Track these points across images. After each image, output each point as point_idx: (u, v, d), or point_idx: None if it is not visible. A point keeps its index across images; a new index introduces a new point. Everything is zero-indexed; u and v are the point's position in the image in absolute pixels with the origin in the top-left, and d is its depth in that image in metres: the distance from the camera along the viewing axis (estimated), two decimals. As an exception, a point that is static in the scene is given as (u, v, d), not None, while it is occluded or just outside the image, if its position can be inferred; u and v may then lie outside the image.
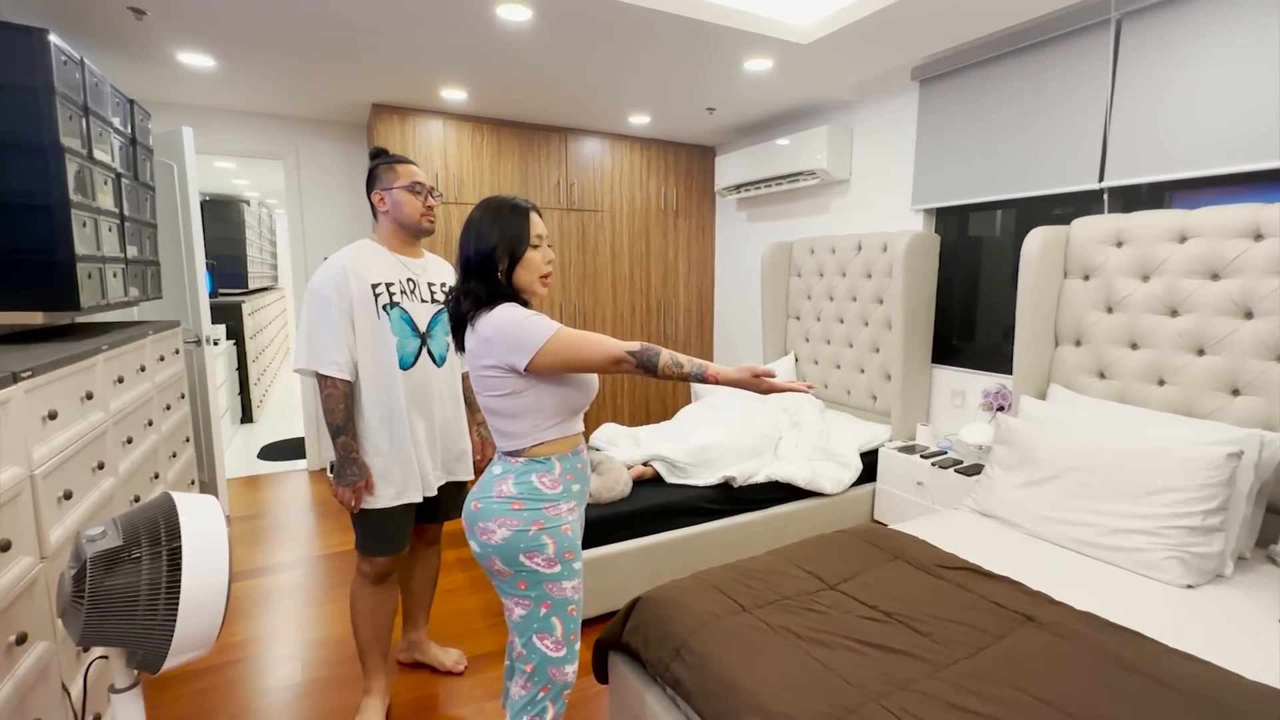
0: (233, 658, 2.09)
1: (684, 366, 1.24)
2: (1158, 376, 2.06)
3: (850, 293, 3.24)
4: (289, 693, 1.92)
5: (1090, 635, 1.33)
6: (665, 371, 1.23)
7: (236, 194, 5.96)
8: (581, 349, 1.20)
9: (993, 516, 2.04)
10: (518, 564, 1.23)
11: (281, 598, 2.49)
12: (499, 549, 1.23)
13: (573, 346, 1.20)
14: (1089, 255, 2.22)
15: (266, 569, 2.74)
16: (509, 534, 1.23)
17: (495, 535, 1.23)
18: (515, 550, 1.23)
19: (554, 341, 1.19)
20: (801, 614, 1.42)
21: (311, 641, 2.19)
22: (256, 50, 2.62)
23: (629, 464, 2.56)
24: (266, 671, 2.03)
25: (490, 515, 1.24)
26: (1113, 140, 2.24)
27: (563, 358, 1.20)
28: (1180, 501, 1.67)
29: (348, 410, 1.61)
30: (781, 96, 3.25)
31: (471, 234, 1.27)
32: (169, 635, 1.14)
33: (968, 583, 1.56)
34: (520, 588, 1.25)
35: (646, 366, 1.21)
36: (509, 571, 1.24)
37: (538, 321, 1.21)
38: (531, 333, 1.20)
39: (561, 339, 1.20)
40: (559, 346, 1.20)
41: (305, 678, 1.99)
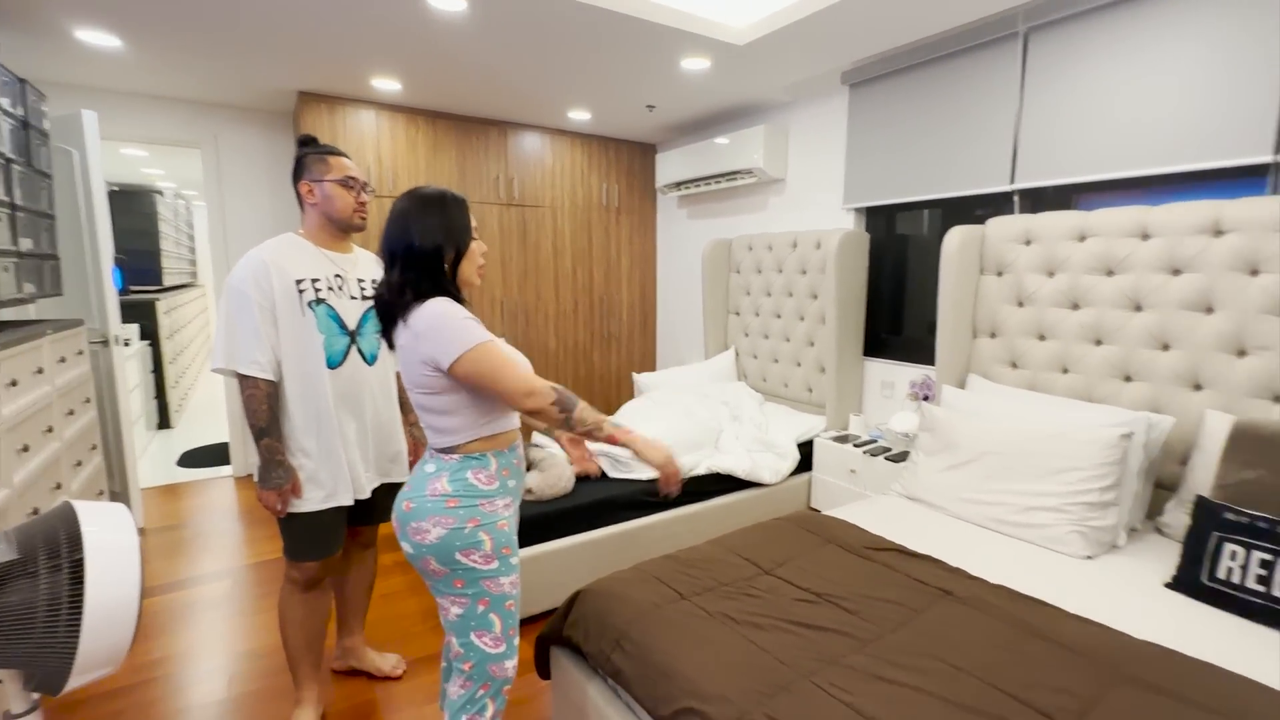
0: (149, 676, 1.97)
1: (602, 425, 1.22)
2: (1062, 365, 2.22)
3: (787, 289, 3.34)
4: (214, 710, 1.82)
5: (1001, 606, 1.43)
6: (579, 422, 1.21)
7: (148, 184, 5.57)
8: (502, 370, 1.18)
9: (918, 500, 2.15)
10: (454, 562, 1.22)
11: (205, 611, 2.36)
12: (434, 548, 1.21)
13: (495, 364, 1.18)
14: (1001, 253, 2.38)
15: (188, 581, 2.59)
16: (444, 532, 1.21)
17: (430, 535, 1.21)
18: (451, 549, 1.21)
19: (480, 350, 1.17)
20: (738, 599, 1.46)
21: (239, 654, 2.08)
22: (168, 30, 2.46)
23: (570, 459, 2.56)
24: (189, 688, 1.92)
25: (424, 514, 1.22)
26: (1022, 145, 2.40)
27: (482, 370, 1.17)
28: (1080, 480, 1.81)
29: (271, 411, 1.55)
30: (720, 96, 3.31)
31: (412, 227, 1.23)
32: (71, 653, 1.06)
33: (893, 562, 1.65)
34: (457, 586, 1.24)
35: (564, 407, 1.19)
36: (444, 571, 1.23)
37: (471, 325, 1.19)
38: (462, 334, 1.18)
39: (487, 351, 1.18)
40: (481, 356, 1.17)
41: (232, 693, 1.89)
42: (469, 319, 1.20)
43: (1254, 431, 1.59)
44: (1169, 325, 1.95)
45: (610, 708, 1.40)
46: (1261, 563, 1.41)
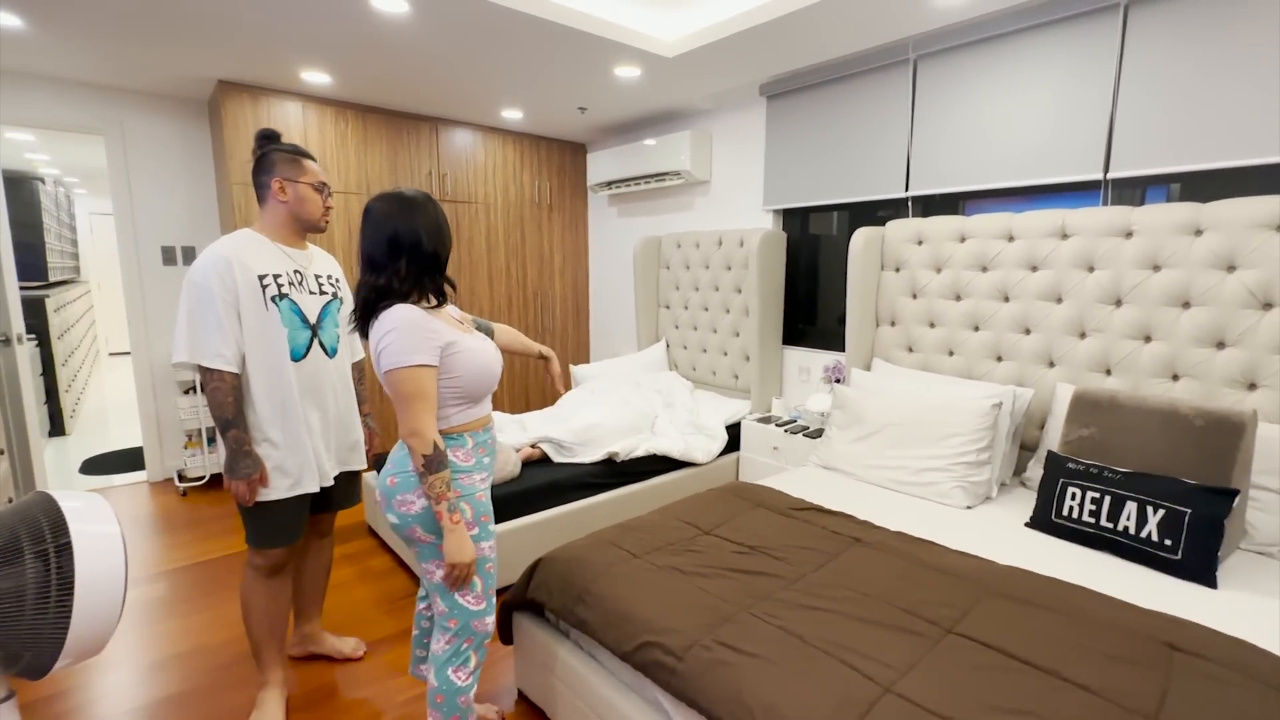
0: (85, 680, 1.92)
1: (441, 502, 1.29)
2: (948, 348, 2.58)
3: (713, 283, 3.59)
4: (165, 705, 1.82)
5: (899, 547, 1.72)
6: (429, 485, 1.28)
7: (29, 171, 5.08)
8: (406, 402, 1.28)
9: (832, 469, 2.44)
10: (438, 528, 1.34)
11: (141, 613, 2.30)
12: (420, 517, 1.34)
13: (405, 392, 1.27)
14: (898, 251, 2.72)
15: (114, 588, 2.49)
16: (426, 504, 1.33)
17: (415, 505, 1.34)
18: (432, 518, 1.34)
19: (404, 373, 1.27)
20: (684, 555, 1.66)
21: (184, 653, 2.07)
22: (75, 10, 2.34)
23: (517, 447, 2.69)
24: (147, 685, 1.90)
25: (410, 487, 1.34)
26: (914, 157, 2.75)
27: (397, 392, 1.28)
28: (961, 444, 2.15)
29: (236, 403, 1.59)
30: (648, 101, 3.51)
31: (404, 228, 1.33)
32: (61, 636, 1.10)
33: (813, 519, 1.91)
34: (441, 550, 1.36)
35: (429, 467, 1.28)
36: (430, 537, 1.35)
37: (420, 343, 1.29)
38: (401, 351, 1.27)
39: (409, 376, 1.27)
40: (403, 379, 1.27)
41: (182, 688, 1.89)
42: (424, 337, 1.30)
43: (1089, 397, 1.97)
44: (1029, 313, 2.33)
45: (573, 657, 1.57)
46: (1092, 500, 1.77)
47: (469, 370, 1.38)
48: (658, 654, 1.30)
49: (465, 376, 1.37)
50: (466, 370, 1.37)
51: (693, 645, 1.28)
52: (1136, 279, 2.07)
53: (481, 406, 1.46)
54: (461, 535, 1.32)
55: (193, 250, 3.68)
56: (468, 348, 1.39)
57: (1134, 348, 2.09)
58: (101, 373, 7.43)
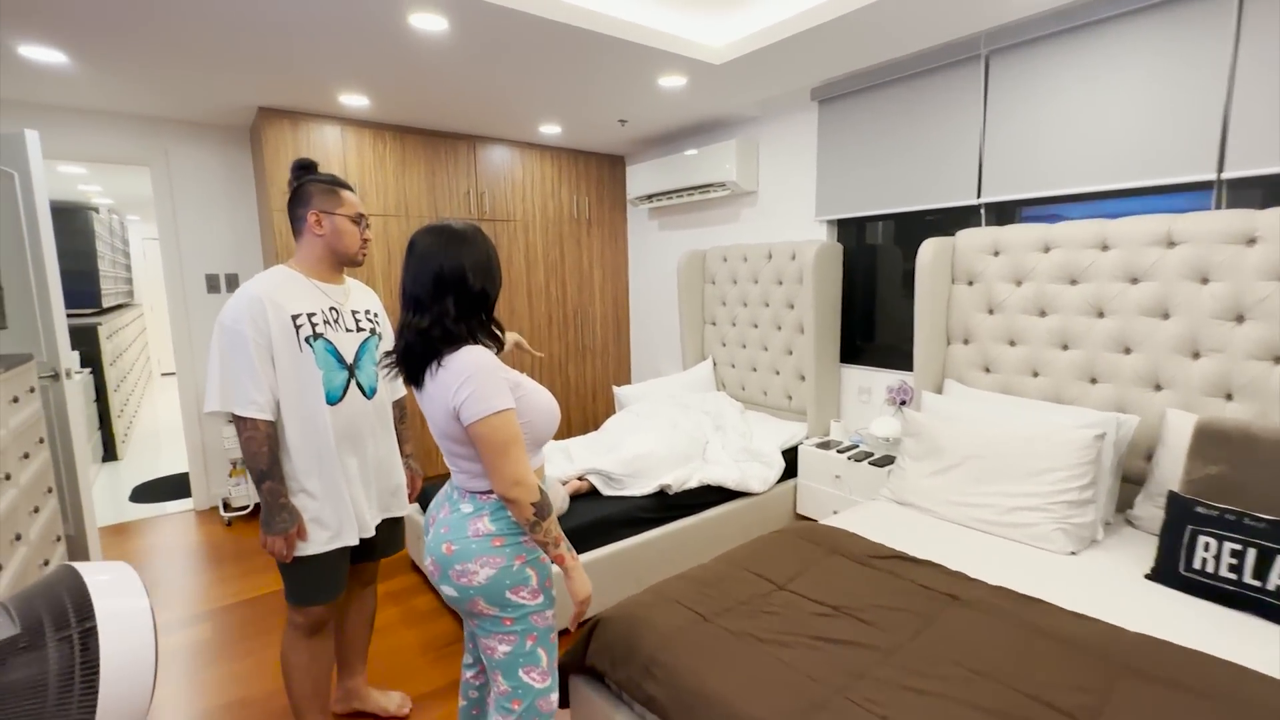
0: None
1: (560, 544, 1.20)
2: (1032, 369, 2.35)
3: (763, 299, 3.41)
4: (207, 765, 1.74)
5: (1004, 607, 1.51)
6: (544, 531, 1.18)
7: (83, 201, 5.22)
8: (505, 449, 1.15)
9: (908, 504, 2.23)
10: (504, 600, 1.20)
11: (185, 659, 2.24)
12: (483, 589, 1.20)
13: (504, 439, 1.15)
14: (971, 263, 2.50)
15: (160, 628, 2.44)
16: (493, 572, 1.19)
17: (478, 576, 1.19)
18: (501, 588, 1.20)
19: (499, 419, 1.15)
20: (759, 617, 1.49)
21: (227, 705, 1.98)
22: (116, 45, 2.32)
23: (563, 479, 2.55)
24: (176, 744, 1.82)
25: (470, 556, 1.20)
26: (987, 161, 2.53)
27: (494, 440, 1.14)
28: (1060, 479, 1.93)
29: (272, 453, 1.49)
30: (692, 110, 3.36)
31: (448, 265, 1.20)
32: (87, 728, 1.00)
33: (898, 570, 1.71)
34: (505, 624, 1.22)
35: (540, 513, 1.17)
36: (493, 611, 1.21)
37: (501, 387, 1.17)
38: (489, 396, 1.15)
39: (504, 422, 1.15)
40: (498, 426, 1.15)
41: (225, 746, 1.81)
42: (503, 381, 1.18)
43: (1215, 429, 1.72)
44: (1130, 330, 2.09)
45: (639, 734, 1.41)
46: (1232, 553, 1.53)
47: (537, 411, 1.27)
48: (743, 748, 1.13)
49: (533, 419, 1.26)
50: (535, 411, 1.26)
51: (784, 739, 1.11)
52: (1263, 291, 1.82)
53: (540, 454, 1.33)
54: (582, 570, 1.24)
55: (236, 278, 3.67)
56: (532, 388, 1.28)
57: (1262, 370, 1.84)
58: (154, 393, 7.63)
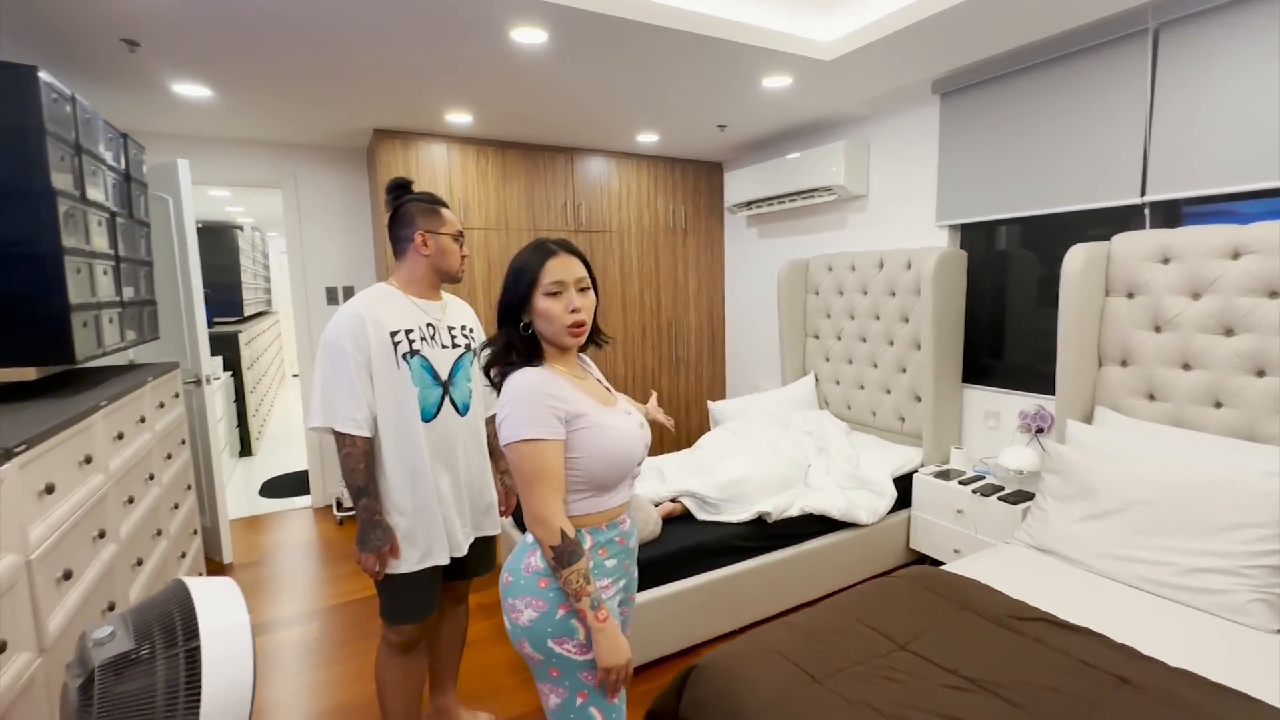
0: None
1: (581, 598, 1.07)
2: (1214, 399, 1.96)
3: (873, 311, 3.15)
4: (309, 769, 1.78)
5: (1190, 699, 1.23)
6: (565, 581, 1.08)
7: (229, 220, 5.83)
8: (531, 482, 1.09)
9: (1051, 552, 1.93)
10: (546, 650, 1.12)
11: (290, 659, 2.35)
12: (527, 631, 1.12)
13: (530, 470, 1.09)
14: (1133, 272, 2.14)
15: (272, 624, 2.59)
16: (536, 615, 1.11)
17: (523, 616, 1.12)
18: (543, 634, 1.11)
19: (527, 447, 1.09)
20: (878, 684, 1.30)
21: (330, 710, 2.04)
22: (255, 78, 2.51)
23: (656, 501, 2.45)
24: (284, 742, 1.89)
25: (518, 592, 1.13)
26: (1154, 153, 2.16)
27: (519, 468, 1.10)
28: (1260, 539, 1.57)
29: (368, 470, 1.50)
30: (795, 112, 3.18)
31: (510, 274, 1.18)
32: (189, 746, 1.01)
33: (1046, 636, 1.46)
34: (552, 675, 1.13)
35: (559, 560, 1.07)
36: (538, 657, 1.13)
37: (534, 410, 1.09)
38: (519, 419, 1.09)
39: (532, 452, 1.08)
40: (526, 454, 1.09)
41: (325, 751, 1.85)
42: (545, 407, 1.10)
43: None
44: (1357, 356, 1.69)
45: (737, 803, 1.27)
46: None
47: (594, 451, 1.13)
48: None
49: (588, 459, 1.13)
50: (591, 451, 1.13)
51: None
52: None
53: (610, 496, 1.18)
54: (613, 634, 1.09)
55: (351, 290, 3.90)
56: (601, 424, 1.14)
57: None
58: (286, 394, 8.38)
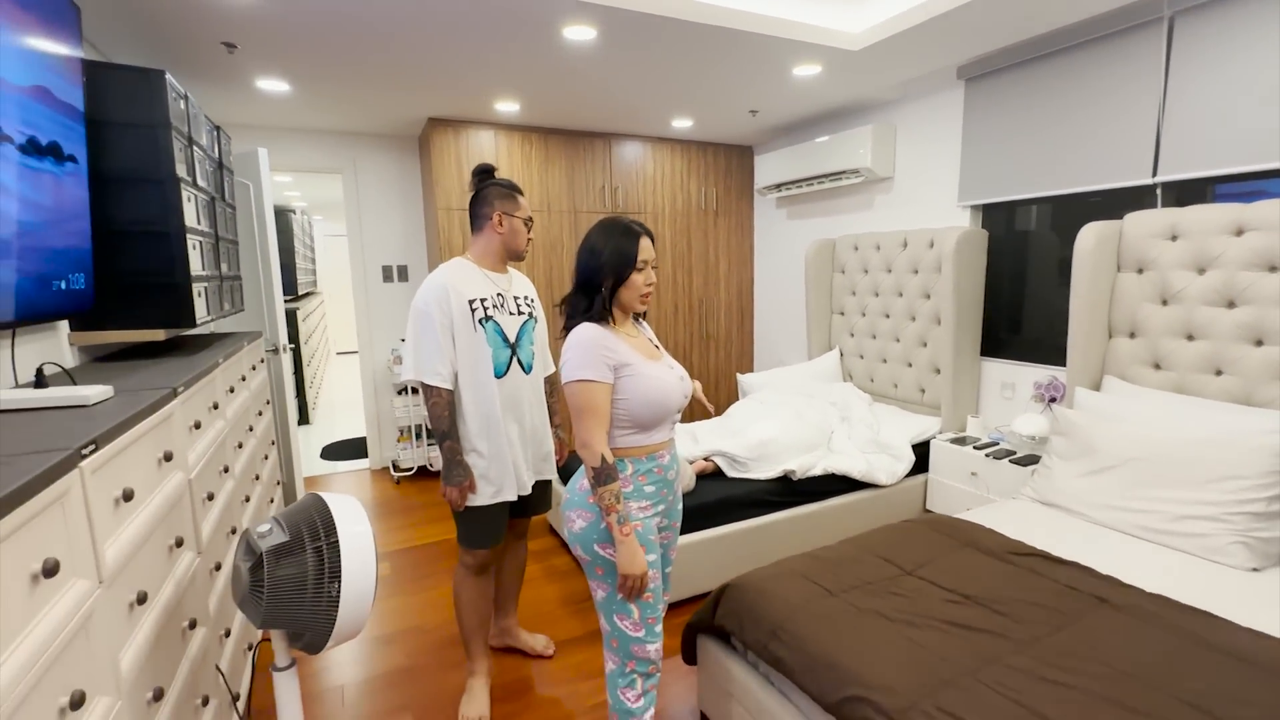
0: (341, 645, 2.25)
1: (611, 514, 1.32)
2: (1215, 367, 2.11)
3: (896, 288, 3.31)
4: (399, 675, 2.08)
5: (1164, 614, 1.42)
6: (599, 497, 1.33)
7: (285, 205, 6.19)
8: (579, 414, 1.35)
9: (1053, 505, 2.12)
10: (593, 552, 1.38)
11: (392, 585, 2.68)
12: (578, 537, 1.40)
13: (578, 404, 1.35)
14: (1143, 249, 2.28)
15: (350, 563, 2.91)
16: (584, 525, 1.39)
17: (575, 524, 1.40)
18: (590, 540, 1.38)
19: (576, 386, 1.35)
20: (887, 598, 1.52)
21: (406, 630, 2.35)
22: (328, 73, 2.77)
23: (690, 459, 2.69)
24: (375, 657, 2.19)
25: (573, 506, 1.41)
26: (1166, 136, 2.29)
27: (573, 404, 1.36)
28: (1244, 489, 1.74)
29: (451, 417, 1.76)
30: (825, 97, 3.33)
31: (585, 250, 1.41)
32: (332, 620, 1.29)
33: (1039, 568, 1.66)
34: (598, 573, 1.40)
35: (598, 479, 1.33)
36: (587, 558, 1.40)
37: (593, 359, 1.34)
38: (579, 364, 1.35)
39: (581, 390, 1.34)
40: (576, 392, 1.35)
41: (410, 663, 2.15)
42: (591, 349, 1.35)
43: None
44: (1346, 325, 1.82)
45: (764, 693, 1.51)
46: None
47: (636, 395, 1.37)
48: (869, 711, 1.19)
49: (632, 401, 1.37)
50: (634, 394, 1.37)
51: (910, 708, 1.16)
52: None
53: (651, 434, 1.43)
54: (632, 547, 1.33)
55: (406, 269, 4.20)
56: (644, 373, 1.38)
57: None
58: (331, 370, 8.83)
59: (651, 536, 1.41)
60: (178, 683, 1.32)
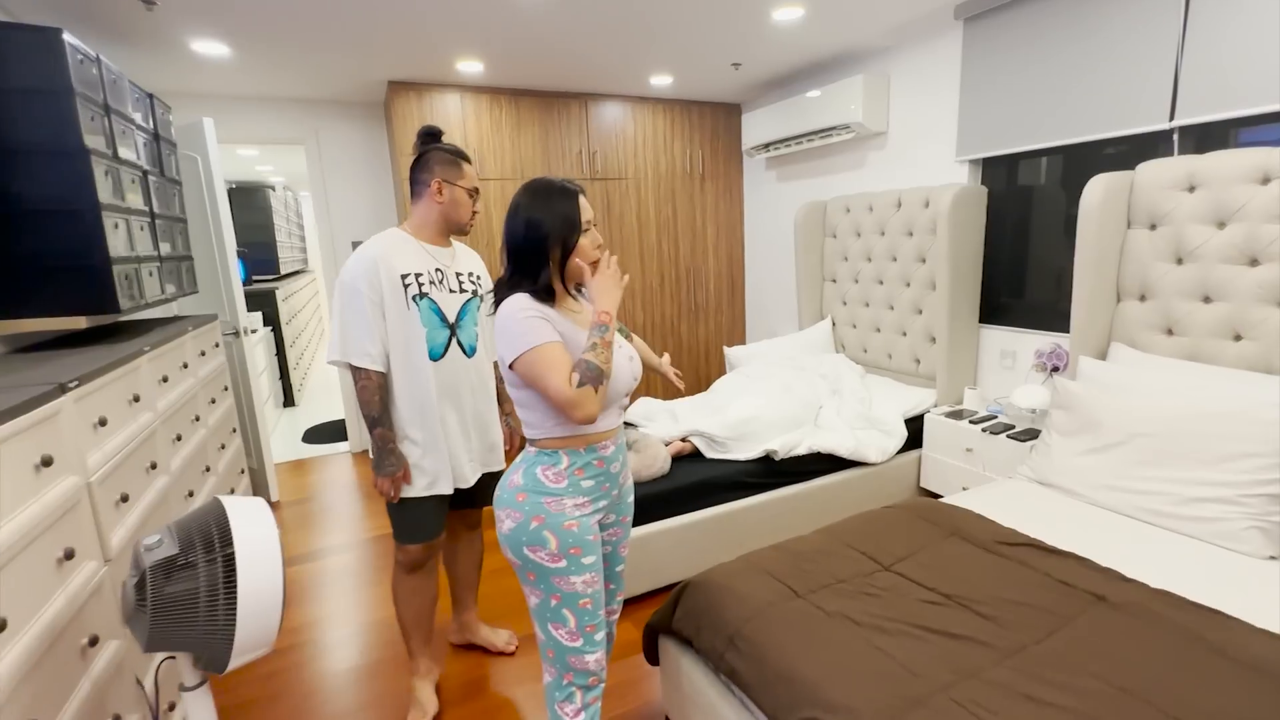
0: (295, 641, 2.16)
1: (598, 345, 1.16)
2: (1234, 331, 1.91)
3: (890, 252, 3.10)
4: (351, 675, 1.98)
5: (1169, 615, 1.27)
6: (601, 363, 1.16)
7: (261, 180, 5.99)
8: (544, 378, 1.14)
9: (1051, 485, 1.95)
10: (523, 556, 1.22)
11: (336, 581, 2.57)
12: (506, 539, 1.24)
13: (538, 371, 1.15)
14: (1156, 202, 2.06)
15: (319, 552, 2.82)
16: (513, 525, 1.22)
17: (504, 525, 1.24)
18: (518, 542, 1.22)
19: (530, 354, 1.16)
20: (858, 598, 1.38)
21: (369, 624, 2.25)
22: (269, 33, 2.56)
23: (666, 440, 2.53)
24: (327, 655, 2.09)
25: (501, 504, 1.25)
26: (1185, 74, 2.05)
27: (531, 374, 1.16)
28: (1262, 468, 1.57)
29: (383, 401, 1.62)
30: (812, 47, 3.07)
31: (520, 223, 1.22)
32: (230, 638, 1.16)
33: (1031, 560, 1.50)
34: (530, 578, 1.24)
35: (595, 380, 1.14)
36: (517, 562, 1.24)
37: (532, 325, 1.16)
38: (521, 335, 1.16)
39: (537, 356, 1.15)
40: (532, 360, 1.15)
41: (365, 660, 2.05)
42: (534, 318, 1.17)
43: None
44: (1385, 282, 1.62)
45: (723, 702, 1.38)
46: None
47: None
48: (826, 736, 1.05)
49: None
50: None
51: (872, 734, 1.02)
52: None
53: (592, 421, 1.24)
54: (604, 301, 1.20)
55: (377, 244, 4.01)
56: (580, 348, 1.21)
57: None
58: (324, 348, 8.72)
59: (589, 537, 1.24)
60: (72, 706, 1.20)
